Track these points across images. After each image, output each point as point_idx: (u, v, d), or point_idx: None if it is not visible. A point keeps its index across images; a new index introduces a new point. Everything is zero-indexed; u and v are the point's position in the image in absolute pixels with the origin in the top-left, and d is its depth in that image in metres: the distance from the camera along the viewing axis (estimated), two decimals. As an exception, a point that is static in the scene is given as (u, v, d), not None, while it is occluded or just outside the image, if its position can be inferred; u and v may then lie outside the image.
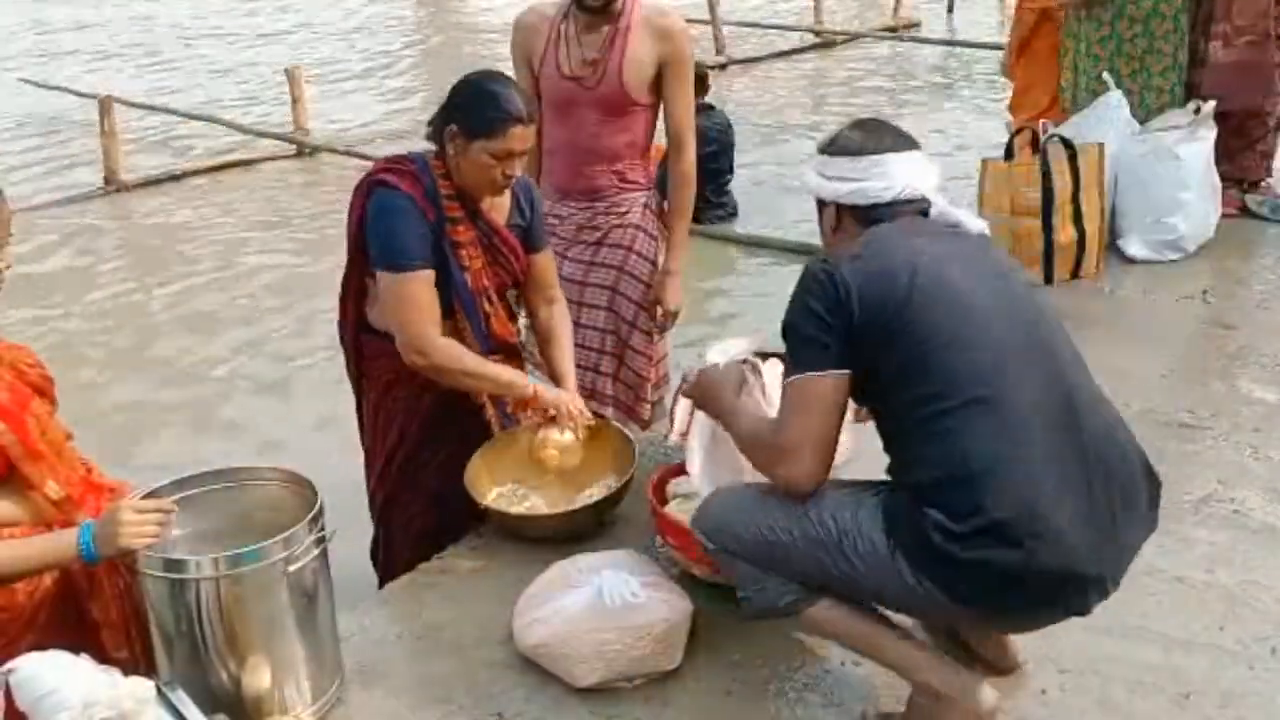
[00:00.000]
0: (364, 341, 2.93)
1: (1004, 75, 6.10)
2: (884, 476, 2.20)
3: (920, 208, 2.27)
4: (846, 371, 2.12)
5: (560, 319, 3.09)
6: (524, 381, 2.85)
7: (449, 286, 2.77)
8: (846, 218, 2.29)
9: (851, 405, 2.23)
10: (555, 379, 3.05)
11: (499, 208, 2.88)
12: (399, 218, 2.70)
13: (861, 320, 2.09)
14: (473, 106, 2.69)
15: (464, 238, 2.78)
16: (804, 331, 2.15)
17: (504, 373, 2.84)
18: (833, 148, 2.31)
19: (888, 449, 2.19)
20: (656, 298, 3.40)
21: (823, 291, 2.11)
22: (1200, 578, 2.76)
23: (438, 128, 2.75)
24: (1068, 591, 2.07)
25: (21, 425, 2.10)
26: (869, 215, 2.25)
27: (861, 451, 2.52)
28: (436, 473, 2.93)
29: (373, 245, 2.73)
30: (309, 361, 5.56)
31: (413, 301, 2.70)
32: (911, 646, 2.21)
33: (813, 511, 2.16)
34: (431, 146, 2.80)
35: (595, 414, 3.09)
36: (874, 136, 2.29)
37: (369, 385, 2.96)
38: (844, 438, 2.24)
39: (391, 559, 3.01)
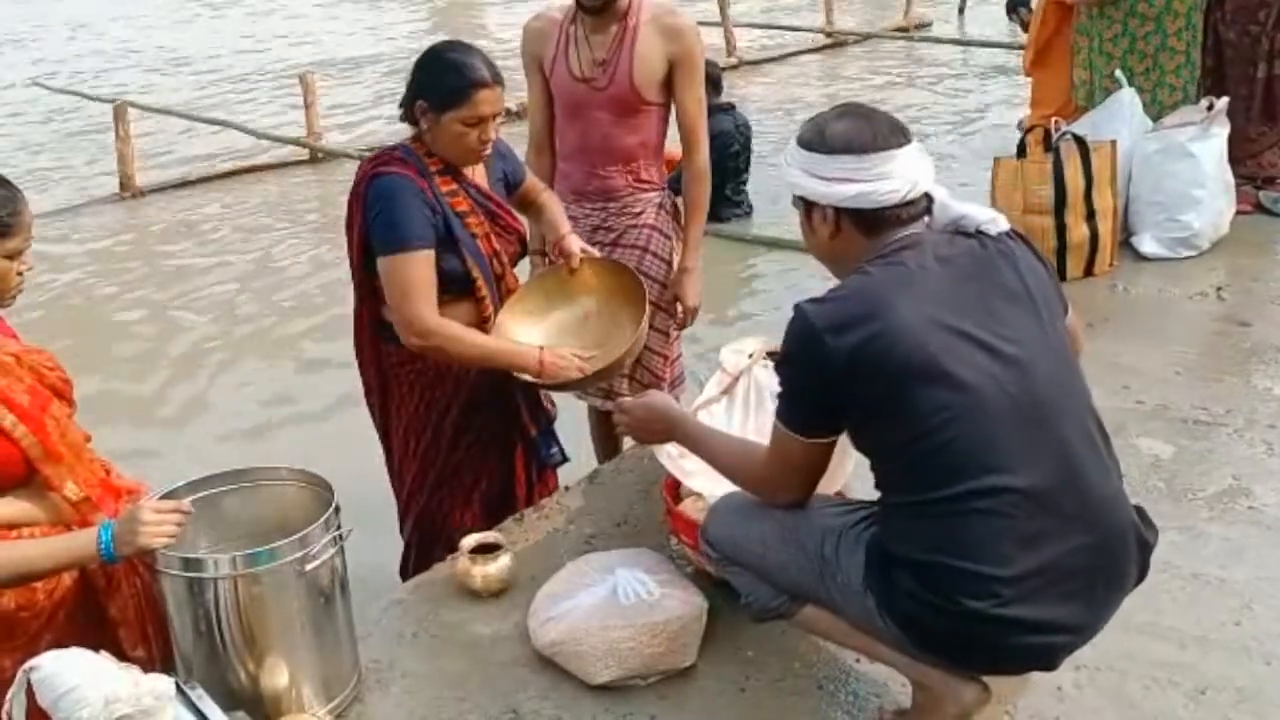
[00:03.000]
0: (385, 352, 2.91)
1: (1024, 72, 6.08)
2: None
3: (923, 208, 2.11)
4: (828, 439, 2.09)
5: (545, 191, 3.16)
6: (530, 351, 2.82)
7: (465, 255, 2.78)
8: (847, 222, 2.09)
9: None
10: (554, 225, 3.09)
11: (478, 173, 2.90)
12: (397, 199, 2.70)
13: (851, 398, 2.00)
14: (437, 79, 2.71)
15: (465, 206, 2.80)
16: (791, 386, 2.08)
17: (506, 345, 2.84)
18: (827, 144, 2.07)
19: (878, 489, 2.12)
20: (675, 295, 3.41)
21: (811, 360, 2.00)
22: (1215, 574, 2.76)
23: (408, 106, 2.77)
24: (1040, 656, 2.06)
25: (41, 427, 2.12)
26: (873, 218, 2.07)
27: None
28: (470, 470, 2.95)
29: (374, 234, 2.72)
30: (326, 365, 5.59)
31: (409, 282, 2.69)
32: (898, 650, 2.16)
33: (802, 537, 2.19)
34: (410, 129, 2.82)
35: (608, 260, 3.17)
36: (872, 129, 2.06)
37: (399, 395, 2.95)
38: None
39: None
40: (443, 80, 2.70)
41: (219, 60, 13.78)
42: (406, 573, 3.09)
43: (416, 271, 2.69)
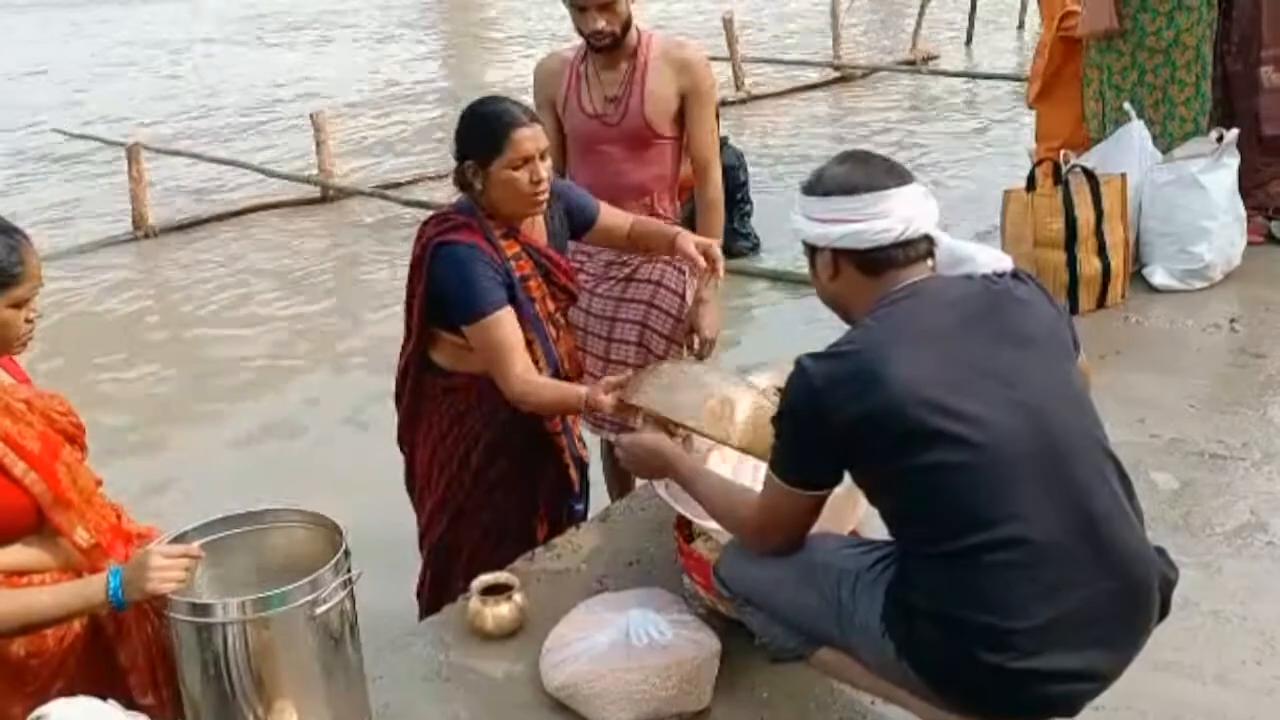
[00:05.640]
0: (427, 382, 2.93)
1: (1028, 105, 6.09)
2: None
3: (924, 250, 2.10)
4: (822, 493, 2.08)
5: (637, 220, 3.10)
6: (579, 391, 2.79)
7: (524, 321, 2.79)
8: (845, 263, 2.09)
9: None
10: (661, 237, 3.03)
11: (538, 230, 2.90)
12: (468, 267, 2.71)
13: (853, 457, 1.99)
14: (474, 136, 2.74)
15: (527, 270, 2.81)
16: (788, 441, 2.06)
17: (564, 389, 2.81)
18: (822, 186, 2.10)
19: (892, 536, 2.09)
20: (692, 326, 3.35)
21: (811, 419, 1.98)
22: (1235, 611, 2.73)
23: (459, 172, 2.79)
24: (1061, 704, 2.01)
25: (52, 473, 2.11)
26: (870, 259, 2.06)
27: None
28: (491, 509, 2.96)
29: (453, 304, 2.75)
30: (336, 405, 5.60)
31: (496, 346, 2.71)
32: (917, 694, 2.12)
33: (817, 578, 2.16)
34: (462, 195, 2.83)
35: None
36: (866, 171, 2.09)
37: (428, 424, 2.96)
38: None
39: (449, 599, 2.97)
40: (480, 135, 2.72)
41: (233, 101, 13.89)
42: (422, 594, 3.09)
43: (499, 333, 2.71)
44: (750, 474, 2.75)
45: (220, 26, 19.86)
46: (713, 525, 2.66)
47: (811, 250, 2.16)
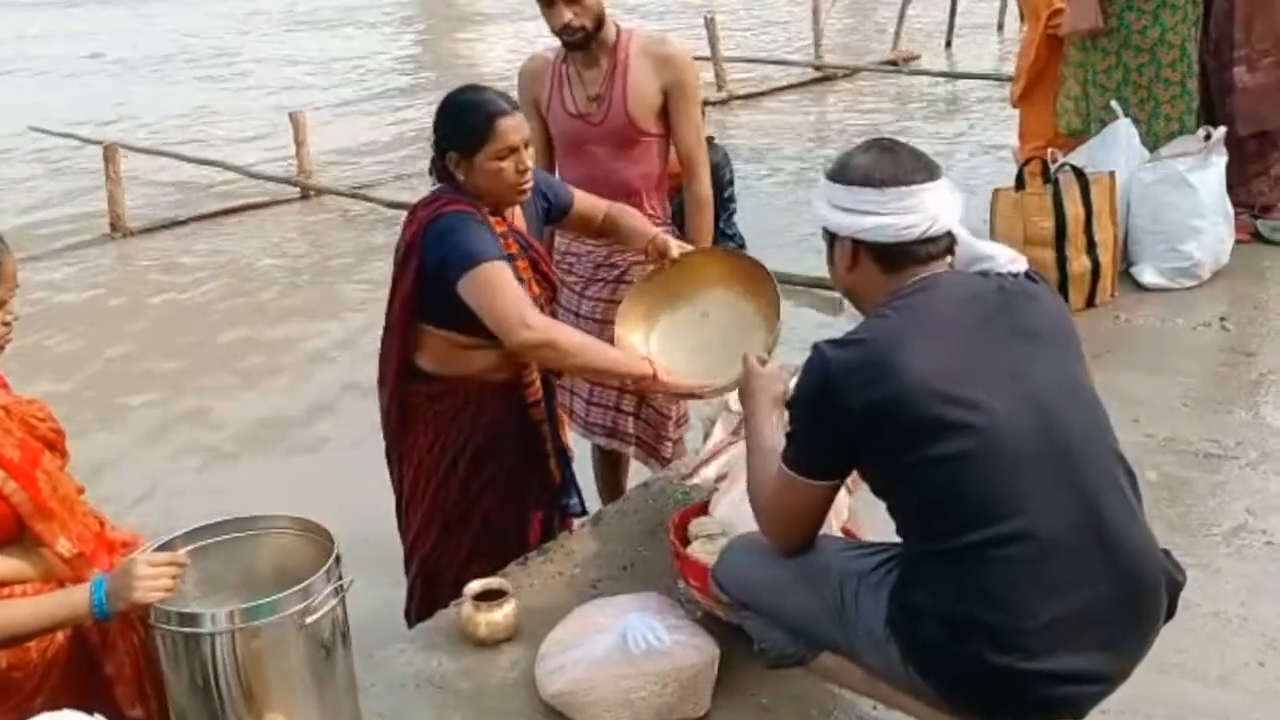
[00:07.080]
0: (413, 389, 2.86)
1: (1012, 104, 6.08)
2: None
3: (945, 246, 2.07)
4: (833, 483, 2.05)
5: (610, 205, 3.09)
6: (644, 363, 2.76)
7: None
8: (864, 255, 2.07)
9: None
10: (639, 233, 3.04)
11: (519, 218, 2.86)
12: (468, 226, 2.65)
13: (865, 446, 1.96)
14: (458, 126, 2.69)
15: (514, 250, 2.76)
16: (801, 429, 2.04)
17: (618, 353, 2.79)
18: (850, 175, 2.06)
19: (898, 534, 2.06)
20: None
21: (825, 406, 1.96)
22: (1236, 612, 2.71)
23: (439, 164, 2.74)
24: (1068, 706, 1.98)
25: (33, 482, 2.05)
26: (891, 253, 2.04)
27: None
28: (480, 514, 2.91)
29: (449, 263, 2.64)
30: (322, 407, 5.54)
31: (503, 286, 2.61)
32: (920, 699, 2.08)
33: (818, 580, 2.13)
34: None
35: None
36: (895, 162, 2.05)
37: (414, 434, 2.90)
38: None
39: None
40: (464, 124, 2.67)
41: (211, 101, 13.80)
42: (411, 615, 3.02)
43: (505, 277, 2.62)
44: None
45: (214, 29, 19.73)
46: (712, 528, 2.63)
47: (831, 237, 2.13)
